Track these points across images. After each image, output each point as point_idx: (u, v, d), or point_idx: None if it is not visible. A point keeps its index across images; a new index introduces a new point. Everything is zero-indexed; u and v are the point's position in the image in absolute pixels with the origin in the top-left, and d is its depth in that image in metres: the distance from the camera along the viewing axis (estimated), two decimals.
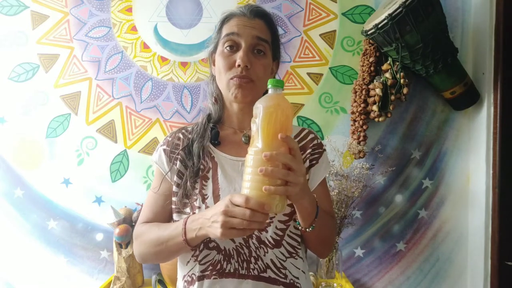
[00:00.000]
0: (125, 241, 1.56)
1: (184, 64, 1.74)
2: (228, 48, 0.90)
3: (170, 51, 1.74)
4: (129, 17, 1.74)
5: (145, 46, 1.74)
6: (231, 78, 0.89)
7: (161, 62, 1.74)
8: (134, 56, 1.74)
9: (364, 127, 1.64)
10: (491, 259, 1.62)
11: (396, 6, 1.45)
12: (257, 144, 0.71)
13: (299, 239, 0.90)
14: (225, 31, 0.92)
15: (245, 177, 0.73)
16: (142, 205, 1.64)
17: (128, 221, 1.61)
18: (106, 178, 1.73)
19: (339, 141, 1.70)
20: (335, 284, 1.53)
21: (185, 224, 0.81)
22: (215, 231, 0.72)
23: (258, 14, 0.93)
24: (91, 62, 1.74)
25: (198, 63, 1.74)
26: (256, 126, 0.72)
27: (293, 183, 0.69)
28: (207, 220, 0.75)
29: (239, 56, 0.88)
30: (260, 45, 0.90)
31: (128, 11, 1.74)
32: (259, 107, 0.72)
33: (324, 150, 0.99)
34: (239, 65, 0.87)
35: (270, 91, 0.74)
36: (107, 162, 1.73)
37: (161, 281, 1.55)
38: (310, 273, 1.59)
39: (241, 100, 0.90)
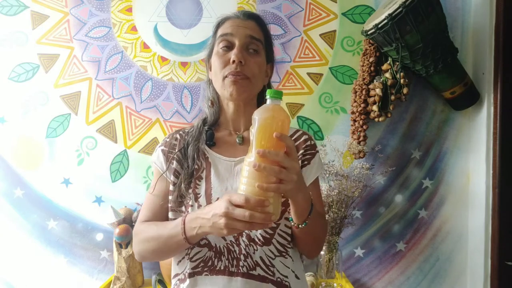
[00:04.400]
0: (125, 241, 1.56)
1: (184, 64, 1.74)
2: (223, 48, 0.94)
3: (170, 51, 1.74)
4: (129, 17, 1.74)
5: (145, 46, 1.74)
6: (226, 76, 0.91)
7: (161, 62, 1.74)
8: (134, 56, 1.74)
9: (364, 127, 1.64)
10: (491, 259, 1.62)
11: (396, 6, 1.45)
12: (252, 155, 0.71)
13: (289, 238, 0.91)
14: (219, 32, 0.96)
15: (240, 186, 0.73)
16: (142, 205, 1.66)
17: (128, 221, 1.61)
18: (106, 178, 1.73)
19: (339, 141, 1.70)
20: (335, 284, 1.53)
21: (184, 223, 0.82)
22: (219, 232, 0.74)
23: (251, 16, 0.98)
24: (91, 62, 1.74)
25: (198, 63, 1.74)
26: (252, 136, 0.72)
27: (286, 181, 0.70)
28: (207, 220, 0.76)
29: (233, 53, 0.91)
30: (254, 44, 0.94)
31: (128, 11, 1.74)
32: (255, 119, 0.72)
33: (317, 151, 1.00)
34: (233, 61, 0.90)
35: (267, 102, 0.73)
36: (107, 162, 1.73)
37: (161, 281, 1.55)
38: (310, 273, 1.59)
39: (236, 97, 0.92)
